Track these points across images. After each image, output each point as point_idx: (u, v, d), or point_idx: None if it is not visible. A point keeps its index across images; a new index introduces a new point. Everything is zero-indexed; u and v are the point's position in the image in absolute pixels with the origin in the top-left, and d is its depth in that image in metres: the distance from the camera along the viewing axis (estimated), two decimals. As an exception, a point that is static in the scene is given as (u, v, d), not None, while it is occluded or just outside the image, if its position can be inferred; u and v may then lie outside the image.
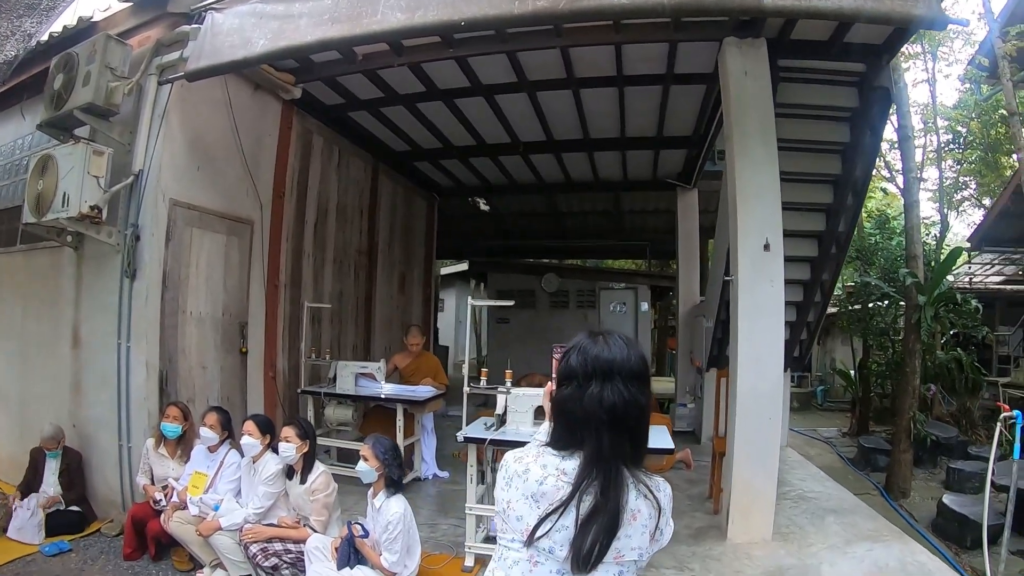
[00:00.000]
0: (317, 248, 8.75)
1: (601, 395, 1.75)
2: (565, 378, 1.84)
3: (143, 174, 5.92)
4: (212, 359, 6.72)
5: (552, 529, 1.72)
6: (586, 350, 1.82)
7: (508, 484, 1.83)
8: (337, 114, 8.85)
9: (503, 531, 1.85)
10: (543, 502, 1.74)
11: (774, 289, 5.91)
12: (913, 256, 11.07)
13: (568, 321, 14.55)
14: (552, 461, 1.79)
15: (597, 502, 1.69)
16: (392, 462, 4.63)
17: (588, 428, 1.75)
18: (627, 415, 1.76)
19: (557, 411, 1.86)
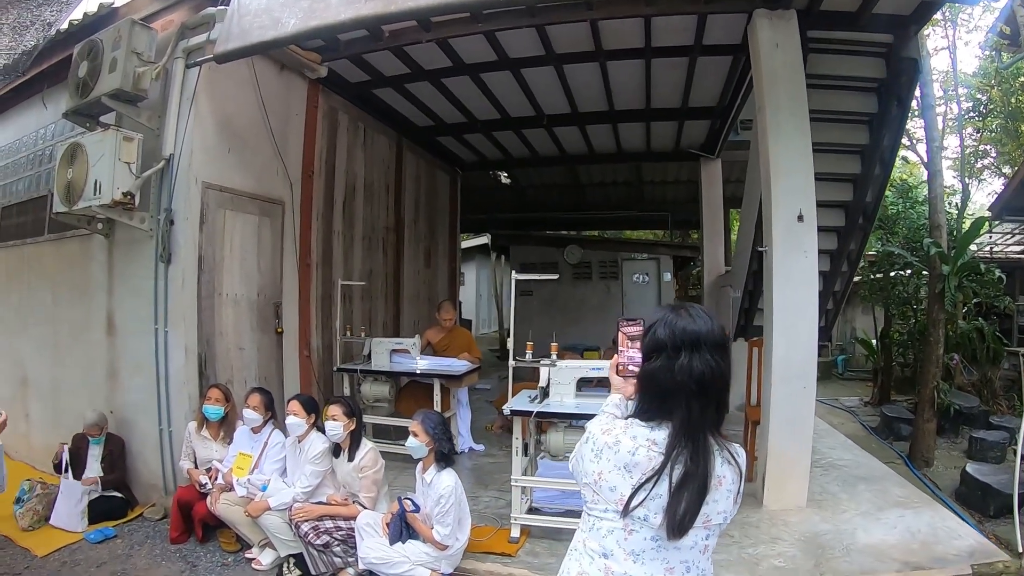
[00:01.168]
0: (346, 226, 8.55)
1: (690, 365, 1.77)
2: (653, 350, 1.85)
3: (174, 158, 5.71)
4: (249, 340, 6.56)
5: (647, 498, 1.76)
6: (673, 323, 1.84)
7: (598, 456, 1.85)
8: (362, 91, 8.59)
9: (593, 501, 1.88)
10: (636, 472, 1.78)
11: (808, 260, 5.83)
12: (937, 225, 10.81)
13: (591, 292, 14.35)
14: (642, 432, 1.82)
15: (688, 469, 1.73)
16: (442, 436, 4.55)
17: (677, 398, 1.77)
18: (713, 384, 1.78)
19: (645, 383, 1.87)
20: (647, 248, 16.07)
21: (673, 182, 14.77)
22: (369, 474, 4.82)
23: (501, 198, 16.38)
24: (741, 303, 9.45)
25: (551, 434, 5.08)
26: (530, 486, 5.43)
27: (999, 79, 15.48)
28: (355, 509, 4.75)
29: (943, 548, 4.97)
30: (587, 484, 1.89)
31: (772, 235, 5.85)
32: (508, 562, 4.88)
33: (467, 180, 13.56)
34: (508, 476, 6.72)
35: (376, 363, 7.28)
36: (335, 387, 7.80)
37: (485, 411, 9.28)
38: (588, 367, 5.36)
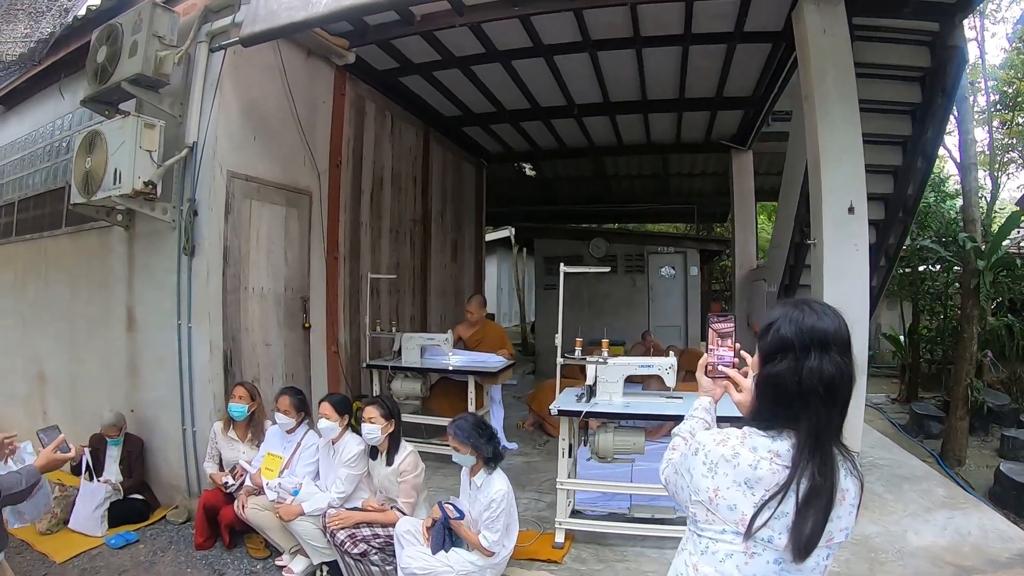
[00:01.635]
0: (374, 218, 8.22)
1: (820, 368, 1.62)
2: (778, 351, 1.68)
3: (197, 146, 5.38)
4: (276, 336, 6.23)
5: (772, 517, 1.59)
6: (799, 320, 1.68)
7: (713, 470, 1.68)
8: (389, 79, 8.23)
9: (707, 521, 1.70)
10: (758, 488, 1.61)
11: (859, 253, 5.60)
12: (971, 220, 10.52)
13: (617, 286, 13.92)
14: (762, 443, 1.66)
15: (815, 484, 1.57)
16: (480, 440, 4.21)
17: (805, 404, 1.61)
18: (843, 387, 1.64)
19: (767, 388, 1.70)
20: (673, 241, 15.64)
21: (700, 174, 14.45)
22: (409, 479, 4.50)
23: (525, 190, 16.04)
24: (777, 298, 9.12)
25: (600, 435, 4.81)
26: (575, 489, 5.20)
27: (1024, 71, 15.01)
28: (394, 515, 4.44)
29: (995, 551, 4.81)
30: (699, 502, 1.72)
31: (822, 228, 5.63)
32: (555, 569, 4.66)
33: (491, 172, 13.23)
34: (544, 476, 6.59)
35: (407, 359, 6.99)
36: (363, 384, 7.50)
37: (514, 407, 8.98)
38: (637, 364, 5.13)
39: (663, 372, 4.94)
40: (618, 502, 5.37)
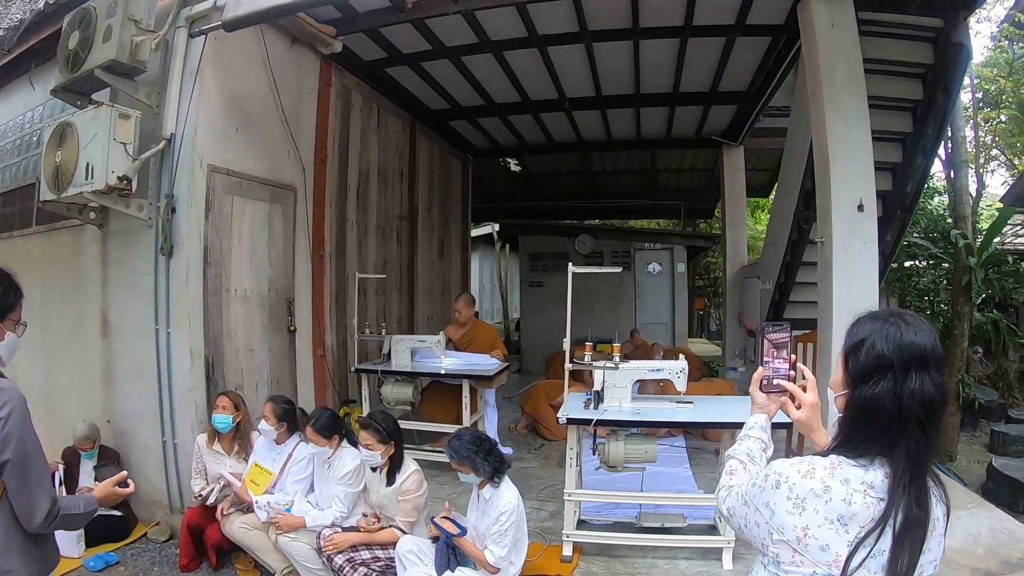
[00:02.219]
0: (360, 214, 7.85)
1: (922, 389, 1.45)
2: (874, 371, 1.50)
3: (176, 138, 4.97)
4: (260, 340, 5.85)
5: (868, 556, 1.42)
6: (897, 337, 1.50)
7: (800, 506, 1.48)
8: (376, 70, 7.87)
9: (793, 563, 1.50)
10: (853, 525, 1.44)
11: (868, 251, 5.49)
12: (962, 217, 10.51)
13: (604, 282, 13.65)
14: (855, 474, 1.47)
15: (911, 515, 1.42)
16: (477, 458, 3.92)
17: (904, 430, 1.45)
18: (941, 410, 1.50)
19: (862, 412, 1.51)
20: (660, 238, 15.50)
21: (688, 170, 14.26)
22: (411, 498, 4.20)
23: (510, 186, 15.75)
24: (772, 295, 8.92)
25: (611, 443, 4.54)
26: (582, 499, 4.93)
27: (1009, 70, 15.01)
28: (392, 534, 4.13)
29: (1008, 552, 4.67)
30: (783, 542, 1.51)
31: (830, 225, 5.48)
32: None
33: (476, 167, 12.92)
34: (543, 483, 6.33)
35: (397, 363, 6.64)
36: (351, 389, 7.15)
37: (504, 409, 8.65)
38: (648, 368, 4.88)
39: (674, 376, 4.71)
40: (624, 510, 5.15)
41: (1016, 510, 7.14)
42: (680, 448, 7.32)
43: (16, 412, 2.12)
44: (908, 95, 6.54)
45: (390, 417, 4.37)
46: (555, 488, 6.04)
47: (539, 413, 8.27)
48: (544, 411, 8.19)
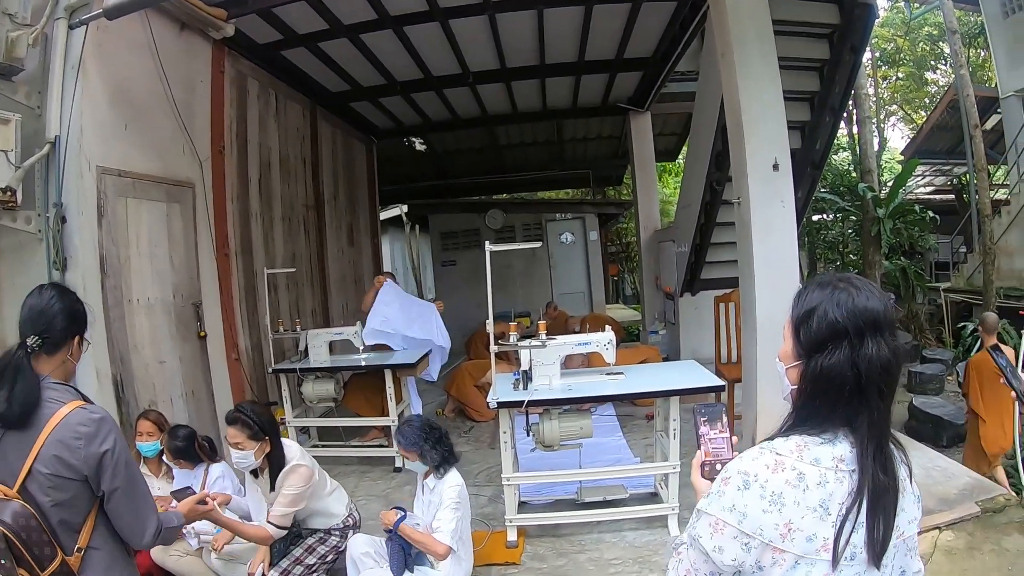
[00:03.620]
0: (264, 207, 7.55)
1: (879, 354, 1.40)
2: (829, 339, 1.43)
3: (61, 141, 4.55)
4: (169, 350, 5.55)
5: (852, 531, 1.37)
6: (848, 302, 1.44)
7: (778, 503, 1.38)
8: (272, 53, 7.56)
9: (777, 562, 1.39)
10: (833, 505, 1.38)
11: (785, 209, 5.63)
12: (868, 171, 11.01)
13: (516, 257, 13.66)
14: (823, 452, 1.41)
15: (879, 483, 1.38)
16: (426, 444, 3.87)
17: (865, 398, 1.40)
18: (897, 375, 1.45)
19: (820, 384, 1.44)
20: (572, 207, 15.62)
21: (596, 138, 14.38)
22: (289, 492, 3.76)
23: (416, 166, 15.55)
24: (688, 257, 9.16)
25: (545, 423, 4.52)
26: (522, 483, 4.96)
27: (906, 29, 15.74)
28: (262, 530, 3.75)
29: (943, 489, 4.88)
30: (764, 544, 1.40)
31: (747, 185, 5.58)
32: (516, 571, 4.42)
33: (381, 149, 12.68)
34: (478, 467, 6.30)
35: (315, 359, 6.47)
36: (270, 391, 6.91)
37: (429, 393, 8.53)
38: (575, 343, 4.83)
39: (602, 348, 4.69)
40: (564, 487, 5.19)
41: (941, 445, 7.73)
42: (611, 416, 7.43)
43: (119, 439, 2.22)
44: (816, 55, 6.73)
45: (263, 409, 3.98)
46: (491, 471, 6.04)
47: (465, 396, 8.21)
48: (470, 393, 8.15)
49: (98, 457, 2.13)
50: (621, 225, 19.60)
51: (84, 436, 2.12)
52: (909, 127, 18.18)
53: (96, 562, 2.20)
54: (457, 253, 14.48)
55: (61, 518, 2.12)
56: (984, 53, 15.88)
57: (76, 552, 2.14)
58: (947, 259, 16.08)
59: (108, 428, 2.19)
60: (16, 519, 2.01)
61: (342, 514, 4.12)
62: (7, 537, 1.99)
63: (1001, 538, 4.33)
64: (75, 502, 2.15)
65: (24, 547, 2.01)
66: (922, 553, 4.13)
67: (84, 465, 2.12)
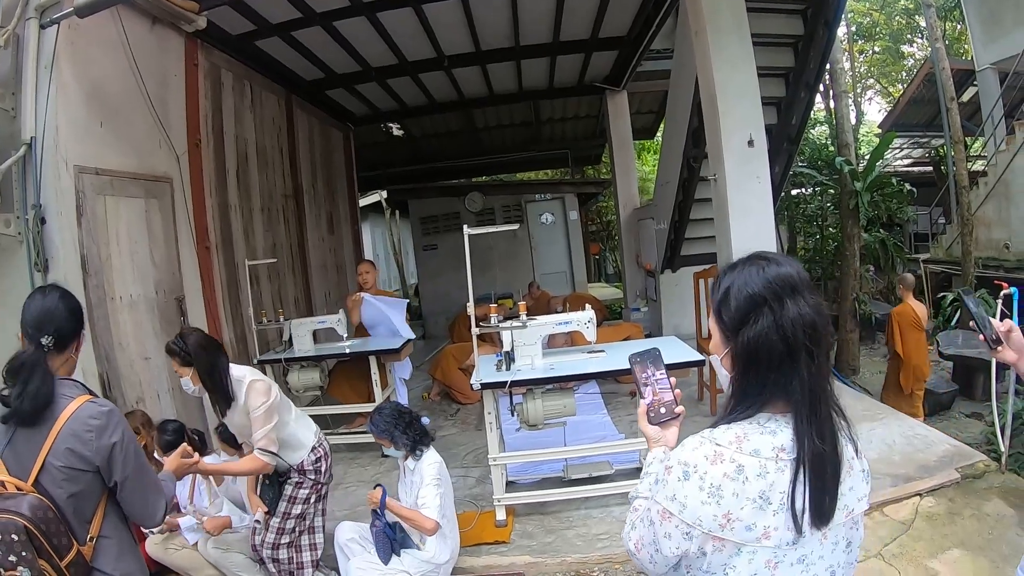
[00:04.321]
0: (243, 199, 7.53)
1: (800, 313, 1.41)
2: (750, 311, 1.45)
3: (36, 141, 4.52)
4: (154, 347, 5.53)
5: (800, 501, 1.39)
6: (760, 272, 1.47)
7: (716, 495, 1.39)
8: (245, 44, 7.52)
9: (718, 548, 1.43)
10: (774, 494, 1.39)
11: (761, 185, 5.76)
12: (845, 144, 11.10)
13: (499, 238, 13.69)
14: (764, 442, 1.42)
15: (816, 449, 1.38)
16: (396, 429, 3.94)
17: (795, 361, 1.40)
18: (825, 333, 1.44)
19: (748, 358, 1.45)
20: (551, 188, 15.65)
21: (572, 118, 14.44)
22: (261, 409, 3.54)
23: (394, 152, 15.56)
24: (667, 234, 9.24)
25: (529, 402, 4.59)
26: (508, 463, 5.04)
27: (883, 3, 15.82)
28: (256, 461, 3.55)
29: (924, 457, 5.02)
30: (704, 533, 1.42)
31: (723, 162, 5.71)
32: (506, 550, 4.50)
33: (358, 136, 12.66)
34: (465, 449, 6.41)
35: (299, 348, 6.49)
36: (257, 382, 6.91)
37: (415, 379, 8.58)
38: (555, 322, 4.90)
39: (583, 327, 4.76)
40: (551, 465, 5.28)
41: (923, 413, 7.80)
42: (595, 395, 7.51)
43: (127, 430, 2.34)
44: (790, 31, 6.79)
45: (197, 333, 3.66)
46: (477, 453, 6.12)
47: (450, 379, 8.29)
48: (455, 376, 8.22)
49: (109, 448, 2.24)
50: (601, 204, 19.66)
51: (95, 429, 2.22)
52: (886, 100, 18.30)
53: (108, 550, 2.30)
54: (438, 237, 14.48)
55: (74, 509, 2.21)
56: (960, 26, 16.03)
57: (89, 542, 2.24)
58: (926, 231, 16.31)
59: (117, 420, 2.30)
60: (35, 511, 2.09)
61: (311, 441, 3.90)
62: (28, 529, 2.06)
63: (981, 503, 4.43)
64: (87, 493, 2.25)
65: (44, 538, 2.09)
66: (903, 519, 4.31)
67: (96, 456, 2.22)
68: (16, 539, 2.06)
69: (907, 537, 4.14)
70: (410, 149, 15.55)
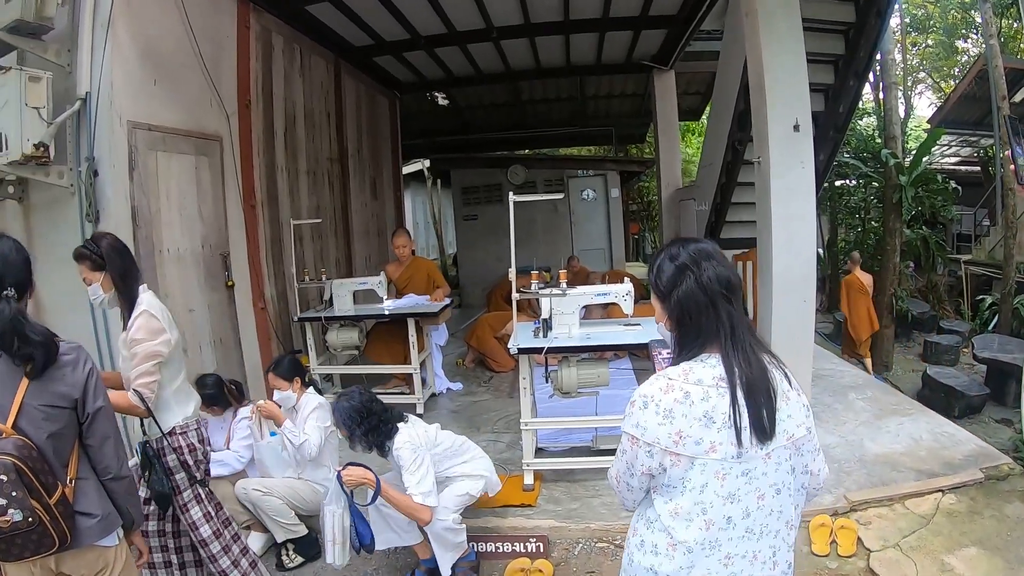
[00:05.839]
0: (290, 160, 7.61)
1: (716, 272, 1.76)
2: (677, 275, 1.80)
3: (91, 97, 4.65)
4: (198, 299, 5.71)
5: (740, 418, 1.69)
6: (682, 246, 1.84)
7: (669, 417, 1.72)
8: (296, 9, 7.53)
9: (675, 463, 1.73)
10: (716, 415, 1.69)
11: (805, 171, 5.61)
12: (892, 137, 10.83)
13: (539, 213, 13.66)
14: (705, 373, 1.74)
15: (747, 375, 1.69)
16: (357, 430, 3.62)
17: (715, 309, 1.75)
18: (736, 285, 1.79)
19: (683, 310, 1.79)
20: (594, 164, 15.48)
21: (619, 96, 14.19)
22: (140, 348, 3.04)
23: (439, 121, 15.50)
24: (708, 216, 9.15)
25: (563, 370, 4.60)
26: (539, 428, 5.01)
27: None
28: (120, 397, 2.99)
29: (949, 454, 4.97)
30: (664, 450, 1.73)
31: (768, 146, 5.58)
32: (531, 513, 4.52)
33: (404, 103, 12.64)
34: (497, 415, 6.45)
35: (339, 307, 6.60)
36: (295, 339, 7.07)
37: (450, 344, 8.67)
38: (594, 293, 4.93)
39: (620, 299, 4.77)
40: (580, 435, 5.30)
41: (952, 416, 7.58)
42: (628, 370, 7.46)
43: (95, 364, 2.41)
44: (841, 18, 6.62)
45: (110, 236, 3.34)
46: (509, 419, 6.15)
47: (486, 346, 8.34)
48: (491, 344, 8.27)
49: (84, 379, 2.32)
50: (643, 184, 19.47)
51: (70, 363, 2.31)
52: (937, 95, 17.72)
53: (87, 490, 2.35)
54: (479, 208, 14.44)
55: (54, 449, 2.25)
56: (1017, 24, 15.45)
57: (69, 483, 2.29)
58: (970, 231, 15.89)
59: (86, 355, 2.39)
60: (20, 451, 2.13)
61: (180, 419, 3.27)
62: (17, 467, 2.10)
63: (1003, 505, 4.36)
64: (64, 433, 2.29)
65: (33, 475, 2.13)
66: (924, 514, 4.26)
67: (74, 389, 2.29)
68: (5, 479, 2.10)
69: (926, 531, 4.11)
70: (455, 119, 15.47)
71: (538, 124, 16.27)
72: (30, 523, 2.14)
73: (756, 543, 1.76)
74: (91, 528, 2.34)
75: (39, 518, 2.15)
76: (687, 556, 1.76)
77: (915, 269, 12.96)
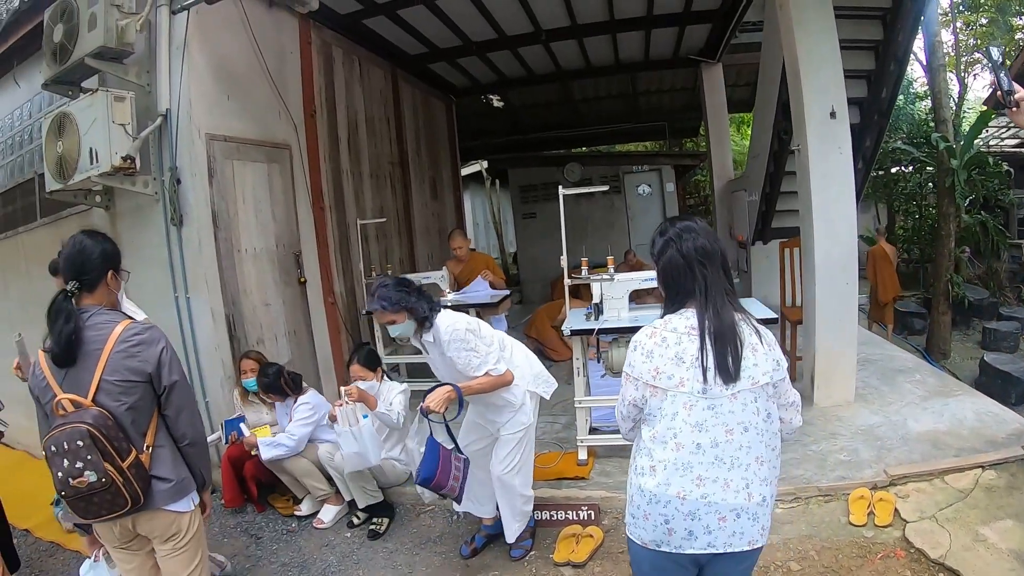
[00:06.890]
0: (354, 164, 7.97)
1: (694, 243, 2.13)
2: (664, 247, 2.20)
3: (171, 113, 5.07)
4: (274, 294, 6.09)
5: (706, 359, 2.04)
6: (672, 225, 2.24)
7: (649, 356, 2.12)
8: (353, 22, 7.86)
9: (654, 395, 2.12)
10: (687, 356, 2.06)
11: (843, 156, 5.63)
12: (942, 120, 10.55)
13: (596, 208, 13.80)
14: (680, 322, 2.12)
15: (716, 326, 2.04)
16: (412, 296, 3.52)
17: (692, 272, 2.12)
18: (715, 254, 2.14)
19: (666, 275, 2.21)
20: (648, 159, 15.49)
21: (669, 90, 14.13)
22: None
23: (494, 123, 15.69)
24: (759, 206, 9.11)
25: (614, 350, 4.76)
26: (592, 407, 5.20)
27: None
28: None
29: (992, 432, 4.92)
30: (646, 384, 2.12)
31: (805, 134, 5.63)
32: (584, 485, 4.76)
33: (460, 107, 12.88)
34: (555, 400, 6.46)
35: (405, 302, 6.83)
36: (362, 332, 7.41)
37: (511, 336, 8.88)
38: (641, 279, 5.10)
39: None
40: (636, 417, 5.46)
41: (1009, 403, 7.33)
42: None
43: (169, 343, 2.63)
44: (877, 3, 6.51)
45: None
46: (566, 403, 6.24)
47: (544, 336, 8.52)
48: (548, 333, 8.46)
49: (158, 355, 2.54)
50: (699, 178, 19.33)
51: (143, 342, 2.52)
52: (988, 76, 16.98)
53: (163, 458, 2.59)
54: (537, 206, 14.56)
55: (132, 420, 2.48)
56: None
57: (146, 450, 2.52)
58: (1032, 216, 15.23)
59: (159, 334, 2.61)
60: (96, 420, 2.36)
61: None
62: (91, 433, 2.34)
63: (1042, 483, 4.32)
64: (142, 406, 2.52)
65: (107, 440, 2.36)
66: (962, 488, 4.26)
67: (148, 364, 2.51)
68: (81, 444, 2.33)
69: (963, 504, 4.10)
70: (510, 120, 15.64)
71: (592, 122, 16.27)
72: (103, 483, 2.36)
73: (727, 472, 2.05)
74: (164, 491, 2.57)
75: (111, 479, 2.37)
76: (664, 473, 2.09)
77: (972, 255, 12.55)
